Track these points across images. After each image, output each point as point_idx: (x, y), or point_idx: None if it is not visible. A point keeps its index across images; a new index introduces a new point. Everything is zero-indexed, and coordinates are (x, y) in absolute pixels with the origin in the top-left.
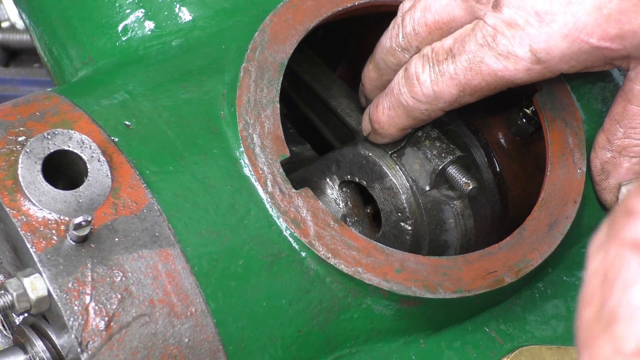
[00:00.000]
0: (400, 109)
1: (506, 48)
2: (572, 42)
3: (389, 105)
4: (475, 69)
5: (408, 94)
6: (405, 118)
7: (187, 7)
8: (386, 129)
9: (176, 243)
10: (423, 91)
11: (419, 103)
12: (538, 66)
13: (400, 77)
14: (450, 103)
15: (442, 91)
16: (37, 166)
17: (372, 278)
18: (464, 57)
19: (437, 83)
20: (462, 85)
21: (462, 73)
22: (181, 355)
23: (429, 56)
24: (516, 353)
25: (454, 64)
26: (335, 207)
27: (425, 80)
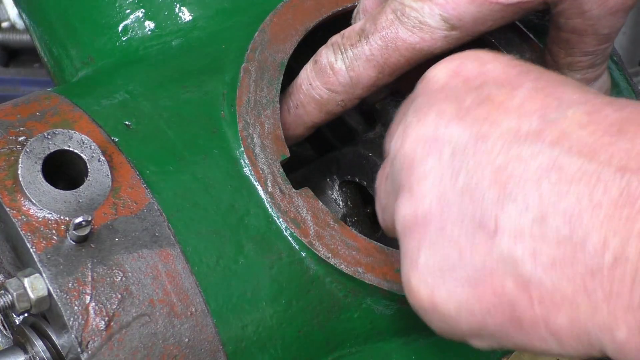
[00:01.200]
0: (311, 105)
1: (417, 20)
2: (481, 5)
3: (295, 103)
4: (392, 46)
5: (322, 86)
6: (317, 114)
7: (187, 7)
8: (292, 129)
9: (176, 243)
10: (339, 80)
11: (335, 94)
12: (454, 32)
13: (308, 70)
14: (368, 87)
15: (359, 76)
16: (37, 166)
17: (372, 278)
18: (377, 35)
19: (353, 68)
20: (380, 65)
21: (378, 52)
22: (181, 355)
23: (339, 43)
24: (516, 353)
25: (369, 45)
26: (335, 207)
27: (340, 67)
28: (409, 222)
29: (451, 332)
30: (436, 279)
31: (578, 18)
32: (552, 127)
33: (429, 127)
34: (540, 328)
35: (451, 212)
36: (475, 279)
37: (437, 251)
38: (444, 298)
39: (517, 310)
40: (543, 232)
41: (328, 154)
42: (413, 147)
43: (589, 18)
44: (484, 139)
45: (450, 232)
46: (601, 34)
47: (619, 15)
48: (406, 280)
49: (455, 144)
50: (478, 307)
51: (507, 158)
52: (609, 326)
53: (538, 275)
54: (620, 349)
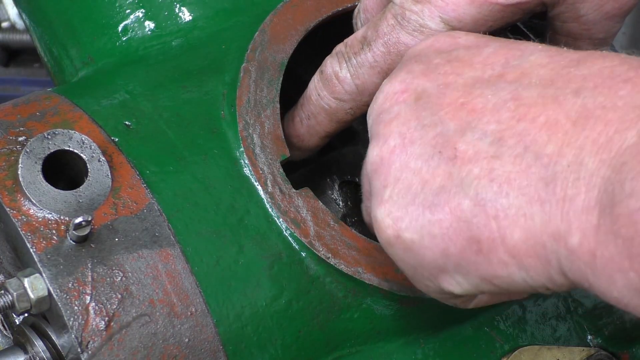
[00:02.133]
0: (322, 115)
1: (418, 23)
2: (481, 7)
3: (307, 114)
4: (394, 51)
5: (329, 96)
6: (328, 123)
7: (187, 7)
8: (307, 140)
9: (176, 243)
10: (345, 88)
11: (343, 103)
12: None
13: (316, 81)
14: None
15: (365, 83)
16: (37, 166)
17: (372, 278)
18: (379, 41)
19: (358, 76)
20: (385, 71)
21: (381, 59)
22: (181, 355)
23: (343, 52)
24: (516, 353)
25: (372, 52)
26: (335, 207)
27: (345, 76)
28: (376, 164)
29: (418, 265)
30: (399, 209)
31: (574, 22)
32: (514, 69)
33: (397, 83)
34: (498, 247)
35: (414, 148)
36: (435, 203)
37: (400, 184)
38: (406, 225)
39: (473, 229)
40: (499, 152)
41: (328, 154)
42: (382, 102)
43: (585, 22)
44: (447, 86)
45: (414, 165)
46: (597, 38)
47: (615, 20)
48: (374, 218)
49: (420, 92)
50: (438, 230)
51: (469, 97)
52: (562, 234)
53: (493, 191)
54: (573, 255)
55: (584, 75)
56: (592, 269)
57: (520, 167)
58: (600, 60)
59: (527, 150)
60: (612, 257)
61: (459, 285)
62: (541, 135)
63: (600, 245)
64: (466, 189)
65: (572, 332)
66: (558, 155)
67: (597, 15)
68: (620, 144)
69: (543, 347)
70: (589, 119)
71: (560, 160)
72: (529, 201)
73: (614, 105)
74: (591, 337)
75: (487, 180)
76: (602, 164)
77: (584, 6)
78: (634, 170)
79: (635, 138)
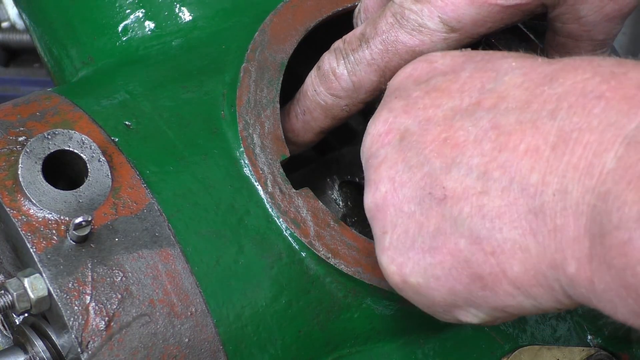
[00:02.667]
0: (317, 111)
1: (417, 22)
2: (480, 7)
3: (302, 109)
4: (392, 50)
5: (325, 92)
6: (323, 119)
7: (187, 7)
8: (302, 135)
9: (176, 243)
10: (342, 85)
11: (339, 99)
12: (454, 34)
13: (313, 77)
14: (371, 92)
15: (361, 81)
16: (37, 166)
17: (372, 278)
18: (377, 39)
19: (354, 73)
20: (382, 69)
21: (379, 56)
22: (181, 355)
23: (341, 48)
24: (516, 353)
25: (369, 49)
26: (335, 207)
27: (342, 73)
28: (372, 211)
29: (431, 304)
30: (401, 255)
31: (574, 23)
32: (490, 94)
33: (381, 124)
34: (501, 281)
35: (405, 191)
36: (433, 246)
37: (398, 230)
38: (410, 270)
39: (474, 267)
40: (486, 187)
41: (328, 154)
42: (369, 146)
43: (585, 24)
44: (428, 121)
45: (407, 209)
46: (597, 39)
47: (616, 21)
48: (380, 264)
49: (403, 131)
50: (441, 272)
51: (450, 131)
52: (559, 263)
53: (486, 227)
54: (572, 282)
55: (558, 95)
56: (593, 294)
57: (509, 200)
58: (572, 74)
59: (512, 182)
60: (608, 285)
61: (475, 316)
62: (524, 164)
63: (596, 273)
64: (460, 228)
65: (572, 332)
66: (542, 184)
67: (597, 17)
68: (600, 168)
69: (543, 347)
70: (568, 143)
71: (546, 190)
72: (522, 234)
73: (589, 126)
74: (591, 337)
75: (479, 217)
76: (586, 192)
77: (584, 7)
78: (619, 200)
79: (614, 162)
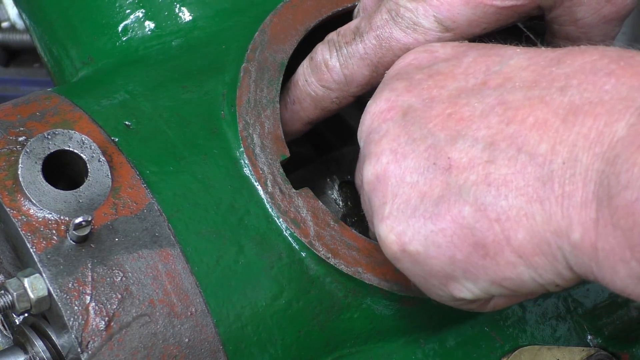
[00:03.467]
0: (307, 101)
1: (412, 20)
2: (476, 8)
3: (292, 99)
4: (385, 46)
5: (317, 83)
6: (313, 110)
7: (187, 7)
8: (290, 125)
9: (176, 243)
10: (333, 77)
11: (329, 91)
12: (448, 34)
13: (305, 67)
14: (362, 86)
15: (353, 74)
16: (38, 166)
17: (372, 278)
18: (372, 34)
19: (347, 66)
20: (374, 64)
21: (372, 51)
22: (181, 355)
23: (335, 40)
24: (516, 353)
25: (363, 43)
26: (335, 207)
27: (334, 65)
28: (372, 183)
29: (427, 275)
30: (401, 223)
31: (571, 25)
32: (496, 75)
33: (383, 101)
34: (504, 249)
35: (408, 162)
36: (436, 213)
37: (399, 199)
38: (410, 237)
39: (477, 234)
40: (493, 156)
41: (328, 154)
42: (370, 122)
43: (582, 26)
44: (432, 100)
45: (410, 179)
46: (595, 41)
47: (613, 24)
48: (377, 235)
49: (406, 108)
50: (442, 239)
51: (455, 107)
52: (564, 229)
53: (492, 194)
54: (576, 249)
55: (567, 73)
56: (595, 262)
57: (516, 168)
58: (580, 56)
59: (520, 151)
60: (613, 249)
61: (469, 291)
62: (532, 135)
63: (600, 237)
64: (465, 195)
65: (572, 332)
66: (552, 153)
67: (594, 19)
68: (611, 137)
69: (543, 347)
70: (578, 115)
71: (555, 159)
72: (529, 201)
73: (600, 100)
74: (591, 337)
75: (485, 185)
76: (596, 158)
77: (581, 9)
78: (628, 162)
79: (625, 130)
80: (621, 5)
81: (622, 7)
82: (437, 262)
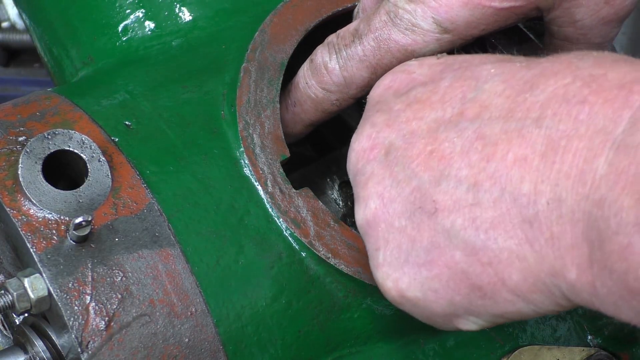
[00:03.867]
0: (307, 103)
1: (410, 22)
2: (474, 9)
3: (293, 101)
4: (384, 47)
5: (317, 85)
6: (313, 112)
7: (187, 7)
8: (291, 127)
9: (176, 243)
10: (333, 79)
11: (330, 93)
12: (447, 35)
13: (305, 69)
14: (362, 88)
15: (353, 76)
16: (38, 166)
17: (372, 278)
18: (370, 36)
19: (346, 69)
20: (373, 66)
21: (371, 53)
22: (181, 355)
23: (334, 43)
24: (516, 353)
25: (362, 45)
26: (335, 207)
27: (334, 67)
28: (363, 227)
29: (430, 316)
30: (396, 270)
31: (570, 27)
32: (472, 104)
33: (365, 139)
34: (500, 290)
35: (395, 207)
36: (428, 259)
37: (391, 245)
38: (407, 284)
39: (472, 278)
40: (477, 199)
41: (328, 154)
42: (355, 162)
43: (581, 27)
44: (412, 134)
45: (398, 224)
46: (593, 43)
47: (612, 25)
48: (375, 280)
49: (388, 146)
50: (439, 285)
51: (435, 143)
52: (559, 270)
53: (481, 239)
54: (574, 287)
55: (541, 102)
56: (596, 298)
57: (502, 210)
58: (552, 80)
59: (504, 192)
60: (611, 289)
61: (475, 324)
62: (514, 173)
63: (597, 278)
64: (454, 240)
65: (572, 332)
66: (535, 193)
67: (593, 20)
68: (592, 175)
69: (543, 347)
70: (557, 151)
71: (539, 199)
72: (519, 243)
73: (577, 133)
74: (591, 337)
75: (473, 229)
76: (581, 199)
77: (579, 11)
78: (615, 206)
79: (605, 167)
80: (620, 7)
81: (621, 8)
82: (437, 306)
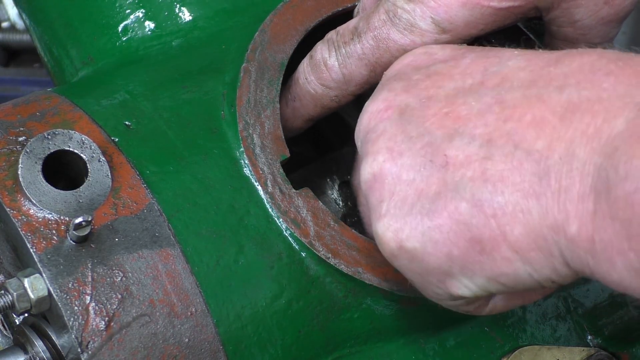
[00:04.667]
0: (307, 99)
1: (409, 22)
2: (473, 9)
3: (293, 96)
4: (383, 46)
5: (316, 81)
6: (312, 108)
7: (187, 7)
8: (290, 122)
9: (176, 243)
10: (332, 76)
11: (329, 90)
12: (445, 35)
13: (305, 65)
14: (361, 85)
15: (352, 74)
16: (38, 166)
17: (372, 278)
18: (369, 35)
19: (345, 66)
20: (372, 64)
21: (370, 52)
22: (181, 355)
23: (334, 40)
24: (516, 353)
25: (361, 44)
26: (335, 207)
27: (333, 64)
28: (369, 182)
29: (425, 272)
30: (398, 220)
31: (569, 27)
32: (494, 76)
33: (380, 101)
34: (500, 245)
35: (405, 160)
36: (432, 209)
37: (396, 197)
38: (407, 234)
39: (474, 230)
40: (489, 153)
41: (328, 154)
42: (367, 122)
43: (580, 27)
44: (429, 99)
45: (406, 177)
46: (593, 43)
47: (611, 25)
48: (375, 233)
49: (404, 107)
50: (439, 235)
51: (452, 106)
52: (561, 224)
53: (488, 190)
54: (573, 243)
55: (565, 73)
56: (592, 255)
57: (512, 164)
58: (578, 57)
59: (517, 148)
60: (610, 240)
61: (466, 288)
62: (529, 132)
63: (598, 230)
64: (461, 192)
65: (572, 332)
66: (549, 149)
67: (592, 21)
68: (609, 131)
69: (543, 347)
70: (576, 113)
71: (552, 155)
72: (525, 196)
73: (599, 98)
74: (591, 337)
75: (481, 181)
76: (594, 152)
77: (578, 11)
78: (627, 154)
79: (623, 125)
80: (619, 7)
81: (621, 8)
82: (434, 259)
